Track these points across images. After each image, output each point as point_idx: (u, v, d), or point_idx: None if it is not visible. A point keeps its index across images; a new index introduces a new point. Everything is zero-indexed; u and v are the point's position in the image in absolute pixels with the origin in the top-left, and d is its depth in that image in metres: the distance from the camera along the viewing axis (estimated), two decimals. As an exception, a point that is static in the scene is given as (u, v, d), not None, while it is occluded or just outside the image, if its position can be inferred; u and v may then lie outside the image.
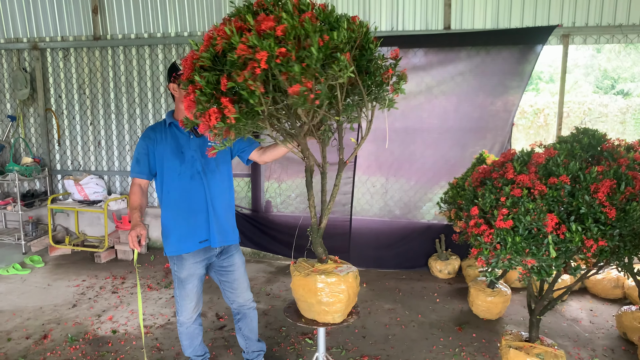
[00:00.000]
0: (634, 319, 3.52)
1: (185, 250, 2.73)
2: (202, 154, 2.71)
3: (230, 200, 2.85)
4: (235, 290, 2.93)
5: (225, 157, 2.79)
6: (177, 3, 5.67)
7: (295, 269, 2.38)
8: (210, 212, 2.73)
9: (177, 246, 2.73)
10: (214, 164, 2.73)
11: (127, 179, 6.23)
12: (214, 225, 2.73)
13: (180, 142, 2.71)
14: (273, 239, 5.48)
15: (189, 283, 2.79)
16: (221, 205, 2.77)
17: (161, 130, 2.73)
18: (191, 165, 2.70)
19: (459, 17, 5.07)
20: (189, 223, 2.72)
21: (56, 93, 6.22)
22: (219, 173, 2.76)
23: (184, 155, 2.70)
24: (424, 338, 3.73)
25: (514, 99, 4.86)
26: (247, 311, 3.01)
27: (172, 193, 2.73)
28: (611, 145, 2.67)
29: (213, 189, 2.73)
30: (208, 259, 2.83)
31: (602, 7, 4.78)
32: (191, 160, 2.70)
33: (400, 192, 5.34)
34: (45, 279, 5.02)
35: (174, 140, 2.71)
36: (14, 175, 5.75)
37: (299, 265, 2.41)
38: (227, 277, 2.90)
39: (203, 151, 2.70)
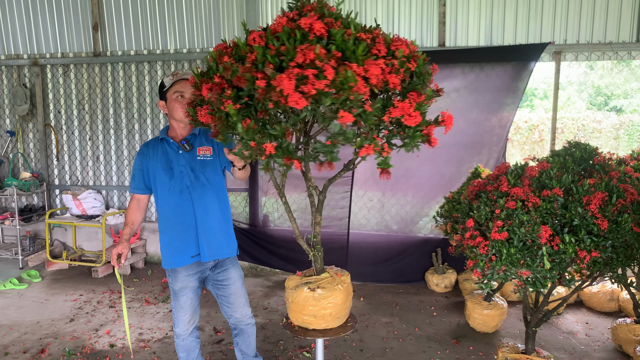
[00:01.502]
0: (629, 331, 3.55)
1: (178, 264, 2.75)
2: (191, 169, 2.71)
3: (224, 213, 2.82)
4: (232, 305, 2.92)
5: (215, 170, 2.77)
6: (176, 21, 5.76)
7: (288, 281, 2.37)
8: (199, 226, 2.72)
9: (171, 260, 2.76)
10: (204, 178, 2.73)
11: (125, 194, 6.26)
12: (203, 240, 2.73)
13: (170, 157, 2.73)
14: (270, 253, 5.50)
15: (182, 295, 2.80)
16: (212, 219, 2.75)
17: (154, 146, 2.77)
18: (180, 181, 2.71)
19: (453, 34, 5.17)
20: (180, 238, 2.74)
21: (55, 109, 6.27)
22: (210, 187, 2.74)
23: (172, 171, 2.72)
24: (421, 351, 3.74)
25: (508, 114, 4.94)
26: (244, 327, 3.00)
27: (164, 208, 2.77)
28: (602, 158, 2.73)
29: (202, 203, 2.72)
30: (201, 272, 2.82)
31: (593, 25, 4.89)
32: (180, 175, 2.71)
33: (396, 207, 5.38)
34: (43, 293, 5.02)
35: (164, 156, 2.74)
36: (12, 190, 5.77)
37: (291, 278, 2.41)
38: (224, 291, 2.90)
39: (192, 166, 2.71)
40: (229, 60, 1.70)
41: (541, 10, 4.96)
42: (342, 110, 1.58)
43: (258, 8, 5.48)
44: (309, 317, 2.26)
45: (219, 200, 2.78)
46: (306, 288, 2.23)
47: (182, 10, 5.72)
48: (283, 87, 1.50)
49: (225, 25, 5.64)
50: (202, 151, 2.73)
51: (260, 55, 1.62)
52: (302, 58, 1.53)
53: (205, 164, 2.73)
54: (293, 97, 1.51)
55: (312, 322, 2.29)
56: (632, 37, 4.83)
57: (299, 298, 2.24)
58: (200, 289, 2.89)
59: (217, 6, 5.63)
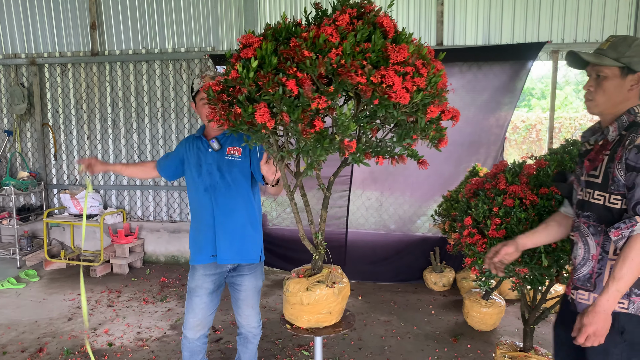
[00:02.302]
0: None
1: (197, 262, 2.74)
2: (217, 168, 2.67)
3: (249, 216, 2.73)
4: (239, 309, 2.86)
5: (242, 171, 2.69)
6: (174, 20, 5.76)
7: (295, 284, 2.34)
8: (217, 227, 2.68)
9: (193, 256, 2.77)
10: (230, 178, 2.67)
11: (122, 193, 6.26)
12: (221, 241, 2.68)
13: (200, 155, 2.72)
14: (269, 252, 5.48)
15: (195, 296, 2.75)
16: (234, 221, 2.68)
17: (192, 142, 2.79)
18: (205, 179, 2.70)
19: (451, 33, 5.19)
20: (201, 235, 2.74)
21: (53, 108, 6.27)
22: (235, 188, 2.68)
23: (201, 168, 2.71)
24: (419, 349, 3.75)
25: (506, 114, 4.95)
26: (246, 333, 2.93)
27: (192, 204, 2.80)
28: (600, 156, 2.74)
29: (225, 203, 2.68)
30: (219, 275, 2.77)
31: (590, 24, 4.91)
32: (207, 173, 2.70)
33: (394, 206, 5.39)
34: (41, 293, 5.01)
35: (197, 153, 2.75)
36: (10, 189, 5.76)
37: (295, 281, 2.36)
38: (235, 294, 2.85)
39: (220, 165, 2.67)
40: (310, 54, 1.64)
41: (539, 10, 4.98)
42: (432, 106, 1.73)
43: (256, 7, 5.48)
44: (324, 315, 2.24)
45: (244, 202, 2.70)
46: (325, 286, 2.21)
47: (180, 9, 5.72)
48: (394, 82, 1.59)
49: (223, 25, 5.64)
50: (231, 151, 2.68)
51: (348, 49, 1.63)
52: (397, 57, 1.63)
53: (233, 165, 2.67)
54: (400, 92, 1.60)
55: (325, 320, 2.27)
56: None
57: (317, 297, 2.19)
58: (217, 294, 2.81)
59: (215, 5, 5.63)
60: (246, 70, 1.64)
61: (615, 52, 1.80)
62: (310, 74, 1.60)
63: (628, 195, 1.70)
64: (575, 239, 1.92)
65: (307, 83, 1.59)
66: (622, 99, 1.81)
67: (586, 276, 1.85)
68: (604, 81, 1.81)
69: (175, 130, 5.97)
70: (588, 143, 1.95)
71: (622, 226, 1.67)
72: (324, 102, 1.59)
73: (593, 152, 1.88)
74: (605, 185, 1.77)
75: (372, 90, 1.61)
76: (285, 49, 1.65)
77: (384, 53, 1.65)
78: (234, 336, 3.93)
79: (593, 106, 1.87)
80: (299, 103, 1.62)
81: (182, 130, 5.95)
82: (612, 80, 1.80)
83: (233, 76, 1.66)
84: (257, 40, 1.70)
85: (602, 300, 1.70)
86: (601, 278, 1.80)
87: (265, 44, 1.66)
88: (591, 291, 1.83)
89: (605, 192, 1.77)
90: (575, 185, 1.99)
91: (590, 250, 1.83)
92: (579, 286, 1.87)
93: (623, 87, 1.80)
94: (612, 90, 1.81)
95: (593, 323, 1.70)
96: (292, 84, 1.58)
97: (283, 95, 1.61)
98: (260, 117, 1.62)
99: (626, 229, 1.66)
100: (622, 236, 1.68)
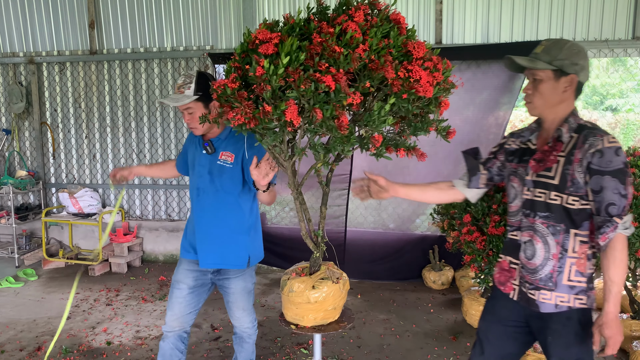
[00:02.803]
0: (626, 327, 3.56)
1: (183, 256, 2.74)
2: (208, 172, 2.62)
3: (237, 224, 2.65)
4: (230, 311, 2.83)
5: (232, 178, 2.61)
6: (173, 18, 5.75)
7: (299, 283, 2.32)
8: (198, 231, 2.64)
9: (181, 249, 2.77)
10: (219, 184, 2.60)
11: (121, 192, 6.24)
12: (202, 246, 2.64)
13: (196, 155, 2.69)
14: (268, 250, 5.46)
15: (176, 288, 2.69)
16: (218, 228, 2.62)
17: (193, 138, 2.76)
18: (196, 180, 2.67)
19: (449, 32, 5.18)
20: (189, 233, 2.73)
21: (52, 107, 6.25)
22: (223, 194, 2.61)
23: (194, 169, 2.69)
24: (418, 348, 3.75)
25: (504, 113, 4.95)
26: (240, 332, 2.90)
27: (191, 200, 2.80)
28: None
29: (209, 209, 2.62)
30: (203, 273, 2.70)
31: (589, 22, 4.91)
32: (198, 175, 2.66)
33: (393, 205, 5.39)
34: (39, 292, 5.00)
35: (194, 151, 2.72)
36: (8, 188, 5.75)
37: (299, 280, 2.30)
38: (225, 296, 2.79)
39: (211, 169, 2.61)
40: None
41: (537, 8, 4.98)
42: (446, 99, 1.85)
43: (255, 6, 5.48)
44: (330, 311, 2.23)
45: (231, 209, 2.63)
46: (331, 282, 2.20)
47: (179, 7, 5.71)
48: (421, 76, 1.68)
49: (222, 23, 5.64)
50: (223, 156, 2.61)
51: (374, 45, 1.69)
52: (418, 53, 1.74)
53: (224, 170, 2.60)
54: (426, 86, 1.69)
55: (330, 316, 2.26)
56: (627, 34, 4.85)
57: (325, 294, 2.18)
58: (199, 293, 2.74)
59: (214, 4, 5.62)
60: (273, 67, 1.60)
61: (548, 55, 1.86)
62: (343, 70, 1.61)
63: (596, 198, 1.77)
64: (527, 239, 1.95)
65: (344, 79, 1.59)
66: (559, 101, 1.88)
67: (548, 276, 1.88)
68: (540, 84, 1.88)
69: (174, 129, 5.96)
70: (531, 143, 2.01)
71: (607, 230, 1.74)
72: (359, 98, 1.61)
73: (539, 152, 1.93)
74: (564, 187, 1.82)
75: (400, 84, 1.67)
76: (311, 45, 1.63)
77: (404, 49, 1.73)
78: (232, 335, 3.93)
79: (532, 108, 1.95)
80: (328, 99, 1.61)
81: (181, 130, 5.94)
82: (547, 83, 1.87)
83: (260, 73, 1.61)
84: (275, 35, 1.65)
85: (610, 308, 1.77)
86: (561, 277, 1.86)
87: (291, 39, 1.62)
88: (553, 290, 1.88)
89: (562, 194, 1.83)
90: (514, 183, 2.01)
91: (551, 250, 1.87)
92: (541, 286, 1.90)
93: (557, 89, 1.86)
94: (547, 92, 1.87)
95: (614, 332, 1.77)
96: (329, 79, 1.56)
97: (315, 92, 1.60)
98: (290, 114, 1.60)
99: (611, 232, 1.74)
100: (609, 239, 1.75)
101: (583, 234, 1.84)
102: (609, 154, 1.74)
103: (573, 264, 1.85)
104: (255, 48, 1.69)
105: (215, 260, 2.65)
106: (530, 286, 1.92)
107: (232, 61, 1.78)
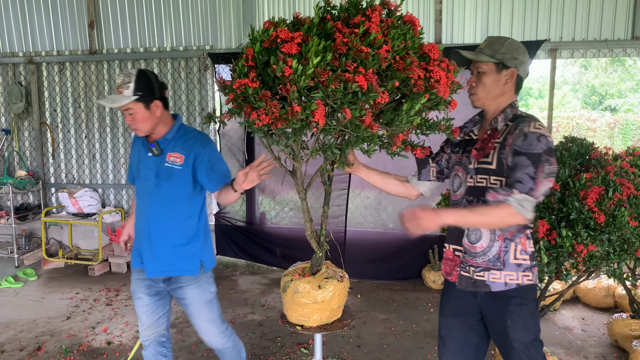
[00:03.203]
0: (625, 326, 3.57)
1: (132, 265, 2.60)
2: (155, 175, 2.44)
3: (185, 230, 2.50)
4: (195, 325, 2.63)
5: (182, 181, 2.44)
6: (172, 18, 5.75)
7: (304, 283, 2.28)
8: (144, 238, 2.49)
9: (131, 259, 2.61)
10: (166, 187, 2.44)
11: (121, 192, 6.24)
12: (147, 254, 2.48)
13: (141, 157, 2.52)
14: (267, 250, 5.50)
15: (136, 299, 2.58)
16: (164, 234, 2.46)
17: (137, 140, 2.58)
18: (142, 184, 2.51)
19: (449, 31, 5.19)
20: (137, 241, 2.58)
21: (51, 107, 6.25)
22: (170, 198, 2.45)
23: (140, 172, 2.52)
24: (418, 347, 3.75)
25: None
26: (214, 346, 2.71)
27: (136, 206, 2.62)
28: (599, 153, 2.75)
29: (156, 214, 2.46)
30: (154, 281, 2.54)
31: (588, 23, 4.91)
32: (144, 178, 2.49)
33: (393, 204, 5.39)
34: (39, 291, 4.99)
35: (138, 154, 2.56)
36: (7, 188, 5.74)
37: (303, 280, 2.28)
38: (185, 309, 2.61)
39: (158, 172, 2.44)
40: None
41: (537, 8, 4.98)
42: (454, 99, 1.87)
43: (254, 6, 5.48)
44: (334, 310, 2.23)
45: (180, 214, 2.48)
46: (337, 280, 2.21)
47: (179, 7, 5.71)
48: (441, 76, 1.72)
49: (222, 23, 5.63)
50: (172, 157, 2.43)
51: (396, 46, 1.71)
52: (434, 54, 1.78)
53: (172, 173, 2.42)
54: (444, 87, 1.73)
55: (334, 315, 2.26)
56: (627, 34, 4.85)
57: (332, 293, 2.18)
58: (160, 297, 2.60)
59: (214, 4, 5.62)
60: (302, 67, 1.58)
61: (491, 49, 1.99)
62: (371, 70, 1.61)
63: (509, 174, 1.88)
64: None
65: (374, 77, 1.59)
66: (500, 92, 2.02)
67: (495, 257, 1.97)
68: (483, 76, 2.01)
69: (174, 129, 5.94)
70: (473, 133, 2.14)
71: (501, 192, 1.84)
72: (387, 96, 1.63)
73: (480, 142, 2.05)
74: (500, 171, 1.93)
75: (422, 84, 1.70)
76: (338, 45, 1.63)
77: (420, 50, 1.77)
78: (233, 334, 3.93)
79: (475, 100, 2.06)
80: (354, 99, 1.61)
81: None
82: (489, 75, 2.00)
83: (288, 73, 1.57)
84: (297, 35, 1.63)
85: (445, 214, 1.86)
86: (508, 256, 1.97)
87: (316, 39, 1.60)
88: (502, 269, 1.98)
89: (500, 177, 1.93)
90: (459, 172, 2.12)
91: (496, 232, 1.97)
92: (490, 267, 1.98)
93: (499, 81, 2.00)
94: (489, 84, 2.01)
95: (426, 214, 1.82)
96: (361, 79, 1.56)
97: (345, 92, 1.60)
98: (319, 114, 1.59)
99: (502, 196, 1.83)
100: (497, 200, 1.84)
101: None
102: (532, 138, 1.86)
103: (517, 243, 1.96)
104: (274, 47, 1.66)
105: (163, 268, 2.49)
106: (478, 269, 2.01)
107: (244, 60, 1.72)
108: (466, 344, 2.17)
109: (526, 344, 1.99)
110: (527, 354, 1.99)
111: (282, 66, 1.59)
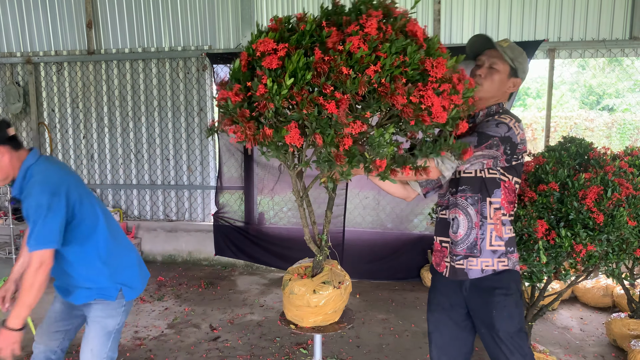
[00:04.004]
0: (624, 326, 3.58)
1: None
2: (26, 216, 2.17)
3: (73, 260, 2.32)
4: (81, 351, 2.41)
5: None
6: (171, 18, 5.74)
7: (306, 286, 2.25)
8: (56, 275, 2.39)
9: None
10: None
11: (119, 193, 6.24)
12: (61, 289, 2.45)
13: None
14: (266, 251, 5.50)
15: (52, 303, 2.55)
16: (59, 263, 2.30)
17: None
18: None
19: (448, 31, 5.20)
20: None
21: (49, 107, 6.24)
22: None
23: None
24: (417, 347, 3.75)
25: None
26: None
27: None
28: (597, 153, 2.75)
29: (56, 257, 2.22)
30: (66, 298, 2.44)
31: (586, 23, 4.93)
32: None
33: (392, 205, 5.39)
34: (37, 292, 4.97)
35: None
36: (5, 188, 5.73)
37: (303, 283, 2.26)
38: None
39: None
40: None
41: (535, 8, 4.99)
42: (463, 121, 1.68)
43: (253, 6, 5.48)
44: (330, 314, 2.21)
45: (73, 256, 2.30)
46: (332, 287, 2.18)
47: (177, 7, 5.71)
48: (433, 102, 1.52)
49: (220, 23, 5.63)
50: None
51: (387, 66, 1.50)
52: (435, 73, 1.55)
53: None
54: (437, 113, 1.53)
55: (330, 318, 2.23)
56: (625, 34, 4.87)
57: (325, 299, 2.16)
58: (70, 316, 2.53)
59: (212, 4, 5.62)
60: (277, 86, 1.47)
61: (512, 54, 2.03)
62: (349, 94, 1.47)
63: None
64: (453, 215, 2.10)
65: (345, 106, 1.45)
66: (499, 95, 2.08)
67: (473, 244, 2.04)
68: (495, 73, 2.04)
69: (172, 130, 5.95)
70: None
71: None
72: (359, 127, 1.48)
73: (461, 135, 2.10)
74: None
75: (412, 111, 1.54)
76: (318, 63, 1.48)
77: (421, 67, 1.55)
78: (232, 335, 3.93)
79: (477, 90, 2.03)
80: (331, 123, 1.48)
81: (179, 130, 5.94)
82: (501, 75, 2.04)
83: (261, 92, 1.48)
84: (282, 47, 1.50)
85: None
86: (484, 243, 2.03)
87: (298, 55, 1.47)
88: (478, 257, 2.04)
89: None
90: None
91: (473, 219, 2.04)
92: (469, 254, 2.05)
93: (505, 84, 2.06)
94: (497, 82, 2.04)
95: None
96: (332, 106, 1.44)
97: (318, 116, 1.48)
98: (290, 138, 1.48)
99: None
100: None
101: (496, 200, 2.03)
102: (492, 122, 1.96)
103: (492, 230, 2.03)
104: (259, 59, 1.55)
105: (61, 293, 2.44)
106: (458, 257, 2.07)
107: (232, 71, 1.64)
108: (454, 339, 2.21)
109: (512, 334, 2.03)
110: (513, 344, 2.03)
111: (256, 84, 1.50)
